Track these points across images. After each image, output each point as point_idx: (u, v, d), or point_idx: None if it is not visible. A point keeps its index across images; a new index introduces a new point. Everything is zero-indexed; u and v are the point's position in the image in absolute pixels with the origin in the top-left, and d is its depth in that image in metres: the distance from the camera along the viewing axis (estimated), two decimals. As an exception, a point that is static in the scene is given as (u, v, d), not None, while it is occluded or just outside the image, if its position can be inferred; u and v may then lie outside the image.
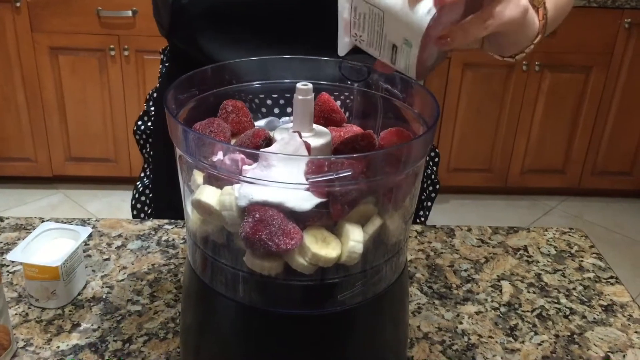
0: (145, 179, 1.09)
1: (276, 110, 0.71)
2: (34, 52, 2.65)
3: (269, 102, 0.71)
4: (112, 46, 2.63)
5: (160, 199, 1.06)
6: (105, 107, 2.77)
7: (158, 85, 1.10)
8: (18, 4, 2.54)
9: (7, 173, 2.90)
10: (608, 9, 2.65)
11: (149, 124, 1.09)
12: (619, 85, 2.82)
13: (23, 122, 2.78)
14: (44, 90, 2.72)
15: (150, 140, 1.09)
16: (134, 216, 1.09)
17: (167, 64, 1.06)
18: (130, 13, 2.56)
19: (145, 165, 1.11)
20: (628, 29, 2.70)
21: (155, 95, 1.09)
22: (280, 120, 0.69)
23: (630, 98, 2.85)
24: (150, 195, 1.08)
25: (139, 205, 1.09)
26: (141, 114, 1.10)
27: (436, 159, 1.14)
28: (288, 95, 0.67)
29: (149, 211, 1.09)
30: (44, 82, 2.71)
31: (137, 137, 1.10)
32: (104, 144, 2.85)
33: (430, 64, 0.57)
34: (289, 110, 0.69)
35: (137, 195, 1.08)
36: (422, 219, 1.12)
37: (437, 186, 1.13)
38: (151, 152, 1.08)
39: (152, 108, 1.09)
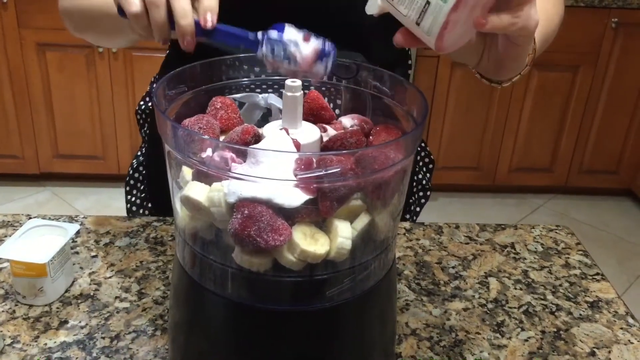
0: (140, 157, 1.10)
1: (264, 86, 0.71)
2: (21, 48, 2.63)
3: (264, 86, 0.71)
4: (100, 43, 2.61)
5: (152, 175, 1.08)
6: (92, 104, 2.75)
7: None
8: (5, 0, 2.52)
9: (-6, 170, 2.88)
10: (595, 9, 2.67)
11: (150, 104, 1.10)
12: (605, 84, 2.84)
13: (10, 119, 2.76)
14: (31, 87, 2.70)
15: (149, 120, 1.10)
16: (126, 192, 1.11)
17: (170, 49, 1.07)
18: (118, 9, 2.55)
19: (142, 145, 1.12)
20: (615, 28, 2.72)
21: (158, 77, 1.10)
22: (260, 96, 0.69)
23: (616, 97, 2.87)
24: (144, 172, 1.09)
25: (132, 182, 1.11)
26: (144, 94, 1.12)
27: (430, 165, 1.12)
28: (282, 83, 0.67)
29: (141, 187, 1.10)
30: (31, 79, 2.69)
31: (138, 116, 1.11)
32: (91, 141, 2.83)
33: (452, 41, 0.56)
34: (279, 88, 0.69)
35: (131, 172, 1.11)
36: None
37: (428, 192, 1.11)
38: (148, 131, 1.09)
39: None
